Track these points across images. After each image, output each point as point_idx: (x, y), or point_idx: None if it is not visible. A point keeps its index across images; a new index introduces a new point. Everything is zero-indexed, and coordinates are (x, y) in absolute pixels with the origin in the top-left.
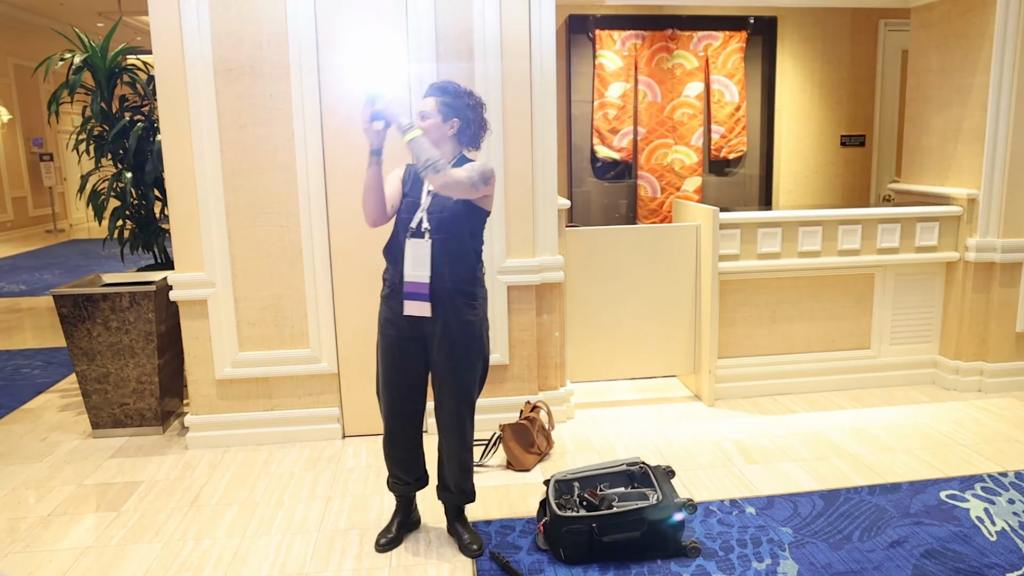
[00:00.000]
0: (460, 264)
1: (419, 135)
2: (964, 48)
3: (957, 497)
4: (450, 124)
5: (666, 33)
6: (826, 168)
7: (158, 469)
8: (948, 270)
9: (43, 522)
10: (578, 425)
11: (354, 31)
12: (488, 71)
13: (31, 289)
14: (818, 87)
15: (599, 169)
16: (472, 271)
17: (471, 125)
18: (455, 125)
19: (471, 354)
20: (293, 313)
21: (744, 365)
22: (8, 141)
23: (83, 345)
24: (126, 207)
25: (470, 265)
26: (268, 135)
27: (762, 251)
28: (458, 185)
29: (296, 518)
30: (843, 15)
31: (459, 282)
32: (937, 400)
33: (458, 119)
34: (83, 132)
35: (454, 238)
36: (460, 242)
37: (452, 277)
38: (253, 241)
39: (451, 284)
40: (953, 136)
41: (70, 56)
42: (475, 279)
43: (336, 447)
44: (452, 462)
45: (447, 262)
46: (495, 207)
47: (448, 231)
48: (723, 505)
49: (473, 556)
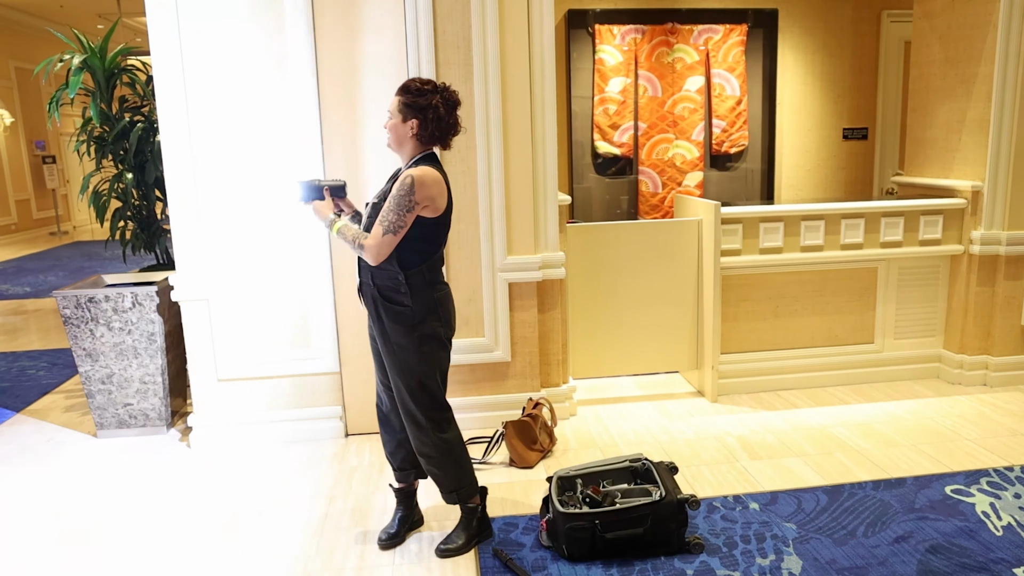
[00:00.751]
0: (380, 271)
1: (337, 231)
2: (968, 38)
3: (962, 492)
4: (409, 124)
5: (666, 27)
6: (828, 161)
7: (162, 468)
8: (952, 263)
9: (49, 523)
10: (581, 422)
11: (353, 29)
12: (488, 67)
13: (36, 291)
14: (820, 80)
15: (600, 165)
16: (393, 277)
17: (429, 125)
18: (414, 126)
19: (399, 361)
20: (294, 313)
21: (747, 360)
22: (11, 144)
23: (86, 346)
24: (127, 208)
25: (392, 272)
26: (268, 135)
27: (764, 246)
28: (382, 243)
29: (299, 517)
30: (844, 6)
31: (383, 289)
32: (942, 394)
33: (416, 120)
34: (84, 133)
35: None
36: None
37: (376, 283)
38: (254, 241)
39: (375, 290)
40: (957, 127)
41: (69, 57)
42: (398, 284)
43: (339, 446)
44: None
45: (369, 268)
46: (495, 204)
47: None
48: (726, 501)
49: (437, 554)
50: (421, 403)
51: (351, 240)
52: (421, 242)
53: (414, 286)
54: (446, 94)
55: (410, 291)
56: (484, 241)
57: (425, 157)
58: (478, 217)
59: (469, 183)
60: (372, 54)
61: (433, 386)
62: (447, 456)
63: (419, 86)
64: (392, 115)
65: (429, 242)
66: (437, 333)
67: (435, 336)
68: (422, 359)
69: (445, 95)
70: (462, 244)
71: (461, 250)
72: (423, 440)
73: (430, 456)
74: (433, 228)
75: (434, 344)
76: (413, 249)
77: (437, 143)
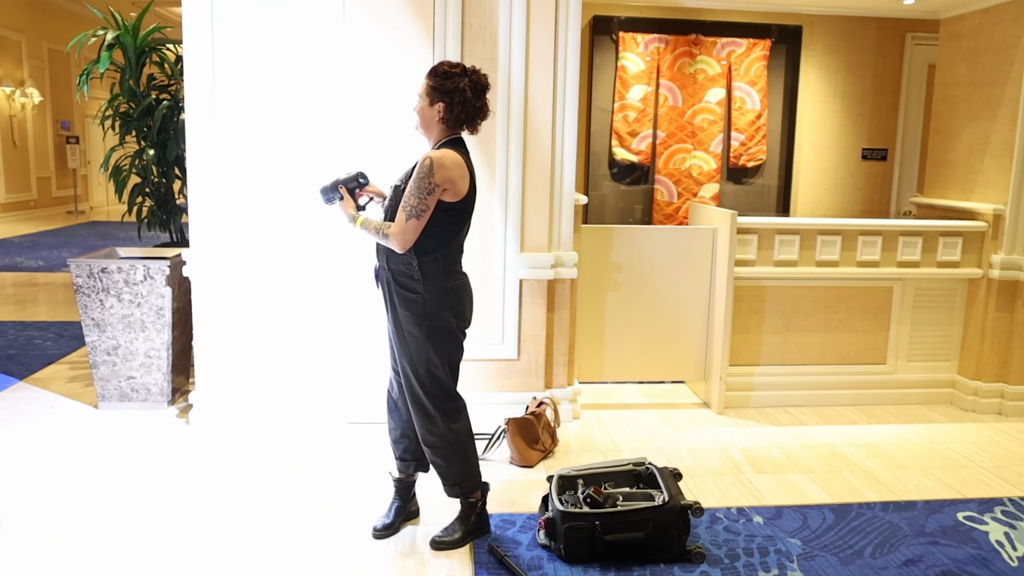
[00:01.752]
0: (395, 255)
1: (360, 226)
2: (995, 60)
3: (975, 519)
4: (437, 108)
5: (690, 38)
6: (846, 181)
7: (160, 445)
8: (970, 287)
9: (40, 490)
10: (584, 425)
11: (383, 22)
12: (512, 63)
13: (49, 265)
14: (841, 98)
15: (616, 174)
16: (408, 263)
17: (455, 108)
18: (441, 109)
19: (409, 349)
20: (306, 296)
21: (755, 374)
22: (38, 122)
23: (95, 316)
24: (147, 184)
25: (407, 257)
26: (293, 116)
27: (779, 258)
28: (406, 229)
29: (295, 502)
30: (869, 26)
31: (396, 274)
32: (954, 420)
33: (443, 103)
34: (110, 108)
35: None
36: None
37: (391, 267)
38: (270, 221)
39: (390, 274)
40: (980, 150)
41: (103, 33)
42: (412, 270)
43: (341, 432)
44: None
45: (385, 251)
46: (511, 199)
47: (390, 219)
48: (730, 512)
49: (432, 546)
50: (430, 392)
51: (375, 232)
52: (437, 227)
53: (427, 273)
54: (475, 77)
55: (423, 278)
56: (498, 236)
57: (451, 141)
58: (493, 211)
59: (487, 177)
60: (399, 41)
61: (442, 376)
62: (453, 447)
63: (447, 69)
64: (420, 98)
65: (447, 227)
66: (448, 323)
67: (446, 326)
68: (432, 348)
69: (473, 78)
70: (475, 237)
71: (473, 244)
72: (430, 429)
73: (436, 446)
74: (452, 214)
75: (444, 334)
76: (428, 234)
77: (464, 127)
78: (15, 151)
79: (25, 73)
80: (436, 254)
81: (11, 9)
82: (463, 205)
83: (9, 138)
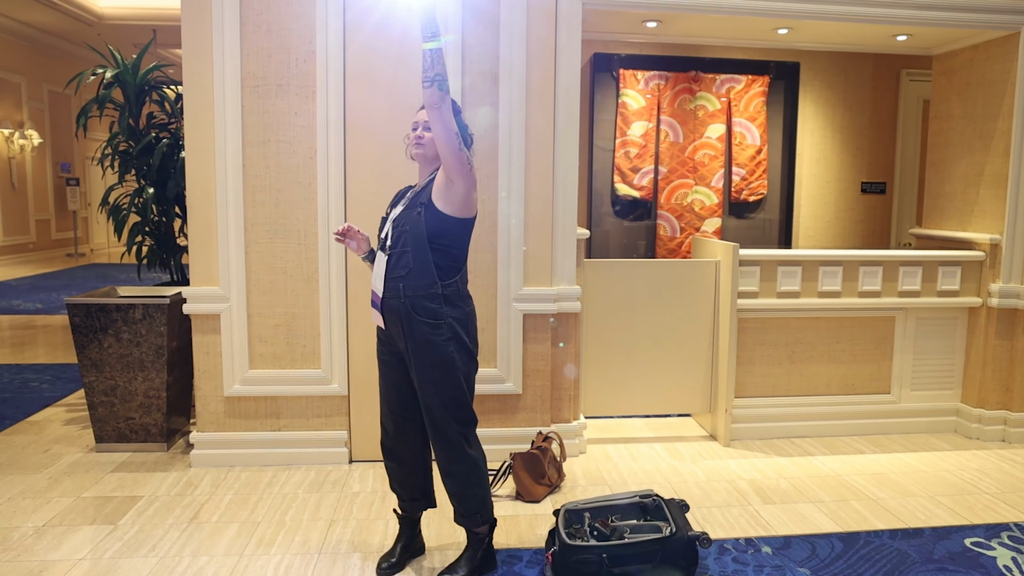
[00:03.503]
0: (417, 279)
1: (440, 46)
2: (987, 94)
3: (982, 545)
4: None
5: (689, 75)
6: (846, 214)
7: (159, 485)
8: (971, 315)
9: (38, 532)
10: (590, 459)
11: (382, 61)
12: (512, 97)
13: (47, 307)
14: (839, 133)
15: (619, 210)
16: (430, 287)
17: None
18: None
19: (434, 376)
20: (306, 332)
21: (761, 406)
22: (37, 164)
23: (93, 356)
24: (146, 223)
25: (429, 281)
26: (290, 152)
27: (782, 289)
28: (445, 127)
29: (297, 539)
30: (865, 63)
31: (416, 298)
32: (959, 448)
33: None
34: (109, 147)
35: (412, 252)
36: (419, 257)
37: (408, 291)
38: (270, 257)
39: (408, 300)
40: (975, 181)
41: (102, 71)
42: (435, 295)
43: (342, 471)
44: (441, 476)
45: (401, 276)
46: (513, 234)
47: (406, 245)
48: (738, 543)
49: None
50: (455, 417)
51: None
52: (456, 246)
53: (448, 297)
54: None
55: (445, 302)
56: (501, 270)
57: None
58: (496, 245)
59: (488, 211)
60: (402, 82)
61: (464, 400)
62: (473, 472)
63: (455, 102)
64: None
65: (463, 247)
66: (468, 346)
67: (467, 349)
68: (457, 372)
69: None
70: (478, 272)
71: (477, 278)
72: (451, 458)
73: (457, 475)
74: (466, 229)
75: (467, 357)
76: (451, 256)
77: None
78: (14, 193)
79: (25, 115)
80: (456, 278)
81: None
82: (473, 222)
83: (8, 180)
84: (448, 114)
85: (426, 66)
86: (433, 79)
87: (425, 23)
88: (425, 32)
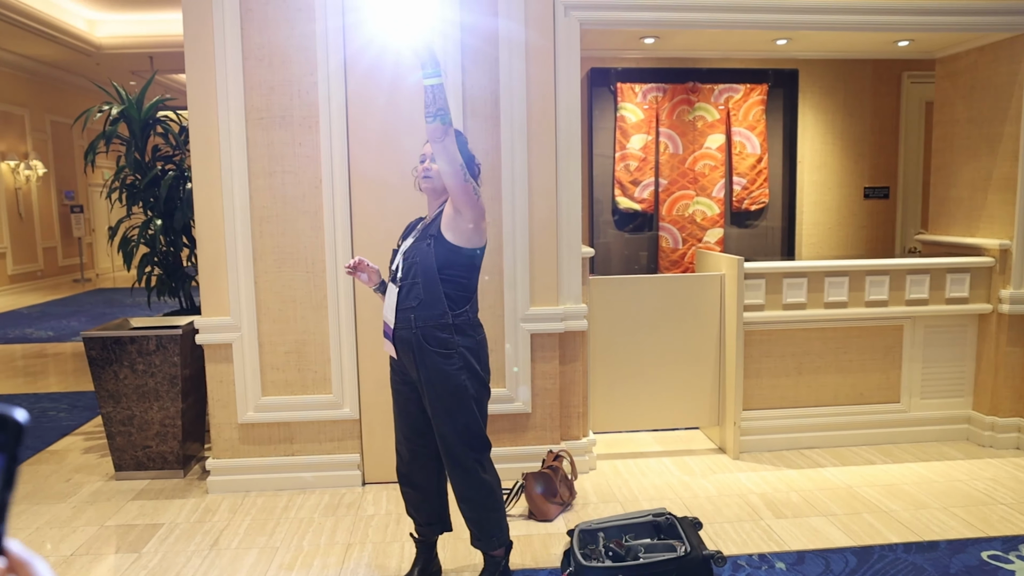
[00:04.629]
0: (428, 309)
1: (440, 82)
2: (993, 97)
3: (1000, 558)
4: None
5: (687, 86)
6: (850, 220)
7: (179, 512)
8: (981, 322)
9: (66, 562)
10: (600, 476)
11: (382, 88)
12: (514, 119)
13: (58, 335)
14: (840, 139)
15: (619, 221)
16: (441, 317)
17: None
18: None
19: (447, 404)
20: (317, 358)
21: (770, 418)
22: (42, 193)
23: (110, 387)
24: (155, 254)
25: (440, 311)
26: (296, 182)
27: (788, 301)
28: (450, 160)
29: (316, 564)
30: (865, 68)
31: (428, 328)
32: (972, 457)
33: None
34: (116, 181)
35: (422, 284)
36: (429, 288)
37: (419, 322)
38: (279, 286)
39: (419, 330)
40: (983, 186)
41: (107, 108)
42: (446, 325)
43: (356, 493)
44: (457, 502)
45: (412, 307)
46: (518, 255)
47: (416, 276)
48: (752, 560)
49: None
50: (469, 444)
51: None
52: (467, 276)
53: (459, 327)
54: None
55: (456, 331)
56: (507, 291)
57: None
58: (502, 267)
59: (494, 234)
60: (400, 105)
61: (478, 427)
62: (491, 496)
63: (461, 133)
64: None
65: (473, 277)
66: (480, 374)
67: (479, 377)
68: (469, 400)
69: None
70: (485, 294)
71: (484, 300)
72: (468, 483)
73: (473, 500)
74: (478, 259)
75: (478, 384)
76: (460, 286)
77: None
78: (21, 223)
79: (29, 146)
80: (466, 307)
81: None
82: (483, 252)
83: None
84: (452, 147)
85: (428, 101)
86: (435, 114)
87: (424, 60)
88: (425, 69)
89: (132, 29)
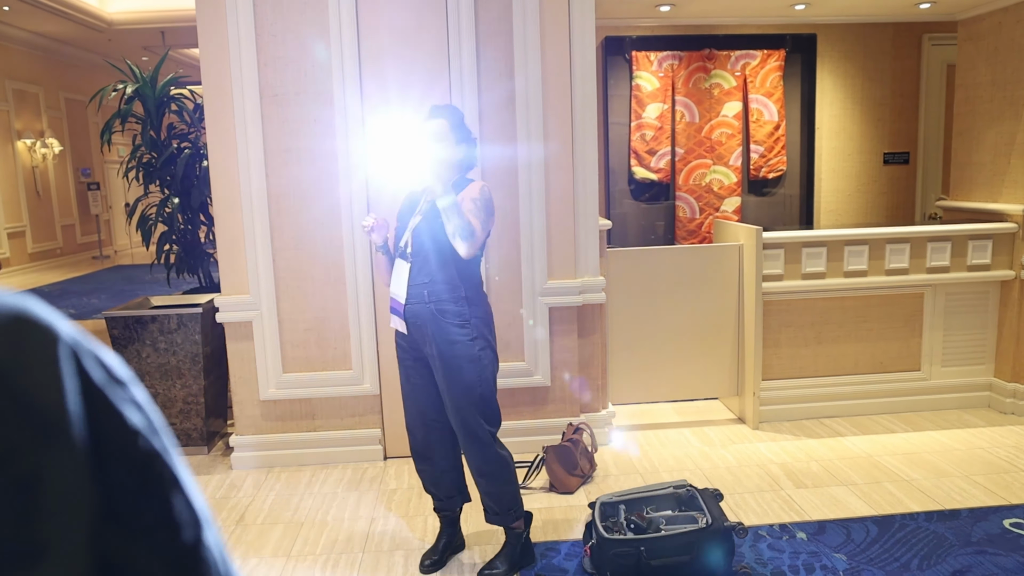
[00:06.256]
0: (441, 284)
1: (453, 201)
2: (1018, 59)
3: (1022, 526)
4: (458, 149)
5: (703, 53)
6: (869, 186)
7: (205, 488)
8: (1003, 289)
9: None
10: (620, 447)
11: (397, 60)
12: (529, 93)
13: (80, 313)
14: (859, 104)
15: (635, 191)
16: (455, 290)
17: (471, 151)
18: (461, 151)
19: (462, 375)
20: (336, 335)
21: (789, 387)
22: (59, 171)
23: (133, 366)
24: (173, 232)
25: (452, 285)
26: (311, 159)
27: (807, 271)
28: (470, 247)
29: (340, 538)
30: (885, 31)
31: (442, 302)
32: (994, 424)
33: (464, 144)
34: (133, 160)
35: (434, 259)
36: (441, 264)
37: (433, 296)
38: (297, 264)
39: (433, 304)
40: (1006, 150)
41: (122, 87)
42: (459, 298)
43: (378, 468)
44: (474, 478)
45: (425, 283)
46: (535, 230)
47: (428, 252)
48: (772, 530)
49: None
50: (484, 415)
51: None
52: (480, 252)
53: (471, 299)
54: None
55: (468, 303)
56: (525, 265)
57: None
58: (519, 241)
59: (511, 207)
60: (415, 79)
61: (492, 399)
62: (507, 468)
63: (462, 113)
64: (443, 137)
65: (482, 251)
66: (492, 344)
67: (492, 347)
68: (484, 370)
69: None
70: (503, 268)
71: (502, 273)
72: (485, 457)
73: (491, 474)
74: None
75: (491, 354)
76: (473, 260)
77: (470, 167)
78: (39, 201)
79: (44, 124)
80: (476, 280)
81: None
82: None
83: (33, 189)
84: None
85: (447, 220)
86: (454, 233)
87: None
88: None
89: (143, 4)
